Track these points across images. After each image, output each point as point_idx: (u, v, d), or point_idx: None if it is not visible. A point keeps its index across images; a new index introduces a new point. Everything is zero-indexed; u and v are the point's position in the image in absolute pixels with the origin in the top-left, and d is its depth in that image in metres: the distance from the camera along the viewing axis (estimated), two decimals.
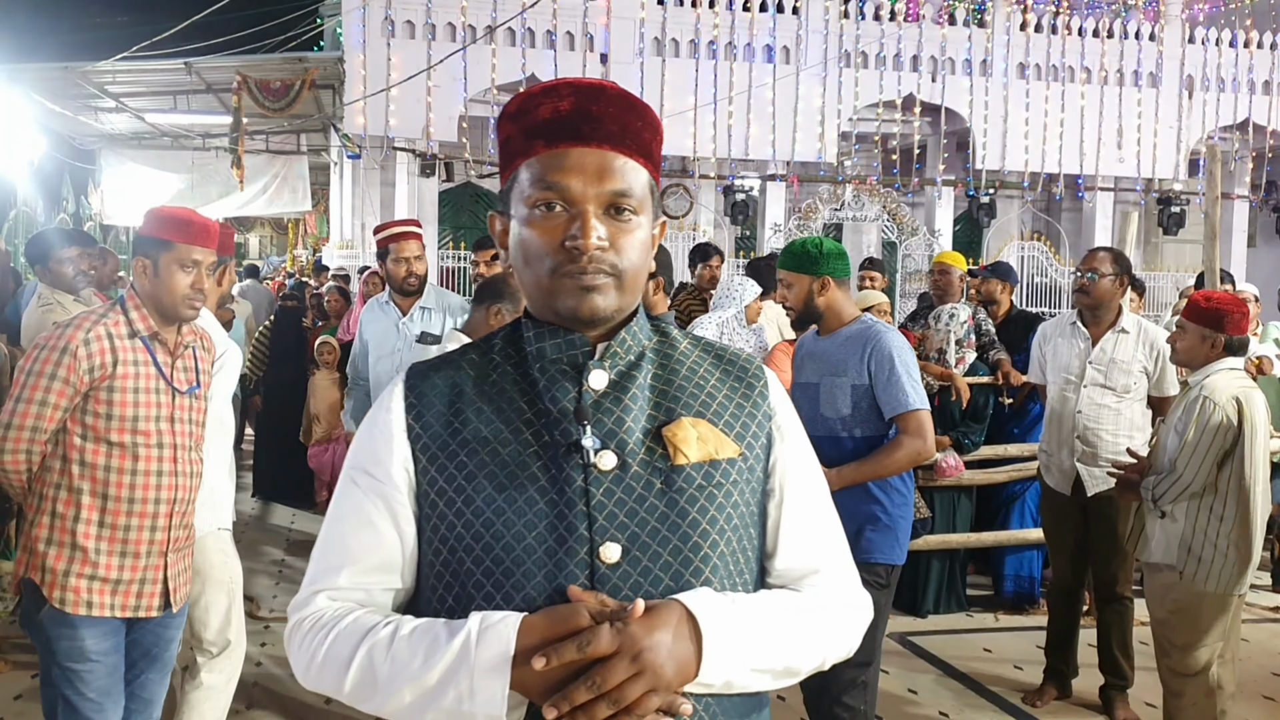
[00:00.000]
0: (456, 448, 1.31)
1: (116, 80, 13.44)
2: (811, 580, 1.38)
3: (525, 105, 1.33)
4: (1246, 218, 18.03)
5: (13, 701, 4.52)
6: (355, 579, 1.32)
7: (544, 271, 1.29)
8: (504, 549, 1.26)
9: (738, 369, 1.42)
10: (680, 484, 1.30)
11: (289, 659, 1.33)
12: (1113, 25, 16.66)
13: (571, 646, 1.14)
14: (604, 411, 1.31)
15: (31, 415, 2.81)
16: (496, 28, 14.21)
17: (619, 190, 1.29)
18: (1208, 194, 5.20)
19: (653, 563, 1.26)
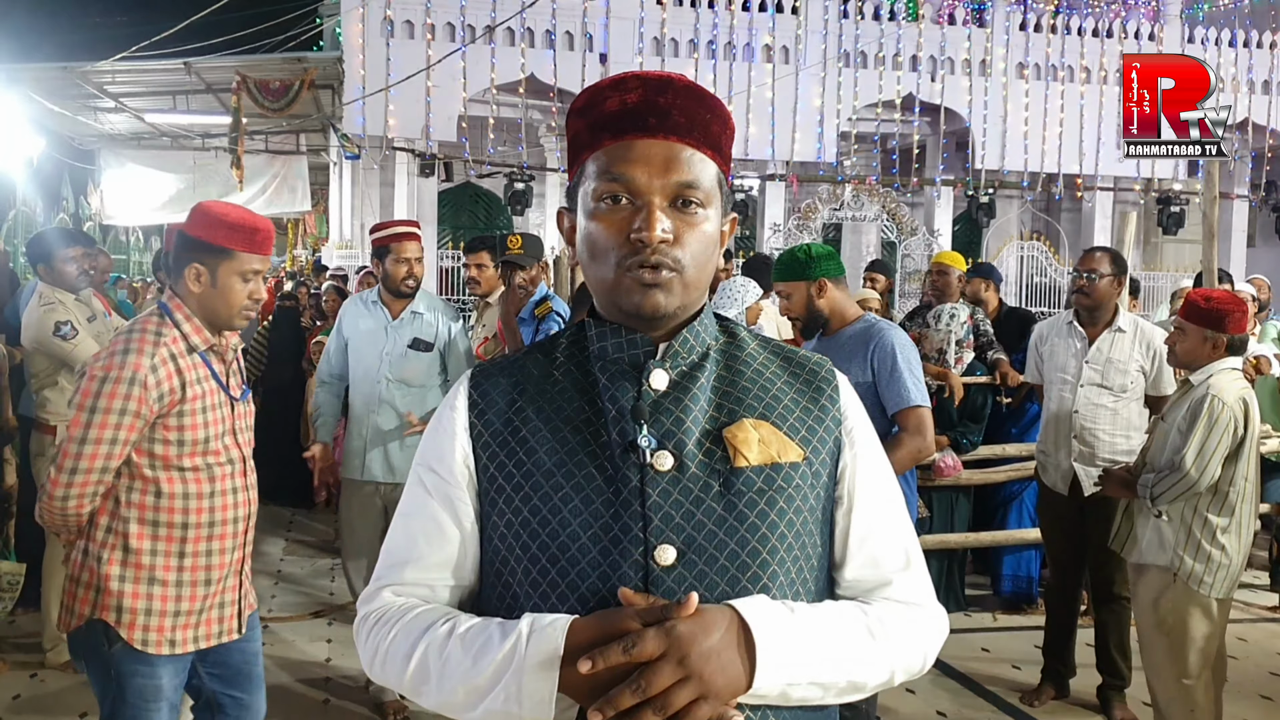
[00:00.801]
0: (515, 445, 1.31)
1: (116, 80, 13.44)
2: (883, 593, 1.34)
3: (593, 99, 1.32)
4: (1246, 217, 18.06)
5: (11, 701, 4.53)
6: (419, 575, 1.34)
7: (609, 265, 1.27)
8: (559, 548, 1.25)
9: (807, 371, 1.39)
10: (739, 487, 1.26)
11: (357, 651, 1.35)
12: (1112, 25, 16.66)
13: (617, 649, 1.12)
14: (663, 411, 1.29)
15: (101, 456, 2.57)
16: (496, 27, 14.22)
17: (685, 181, 1.27)
18: (1206, 194, 5.20)
19: (709, 567, 1.23)
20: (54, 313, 4.77)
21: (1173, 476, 3.73)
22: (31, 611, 5.20)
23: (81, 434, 2.55)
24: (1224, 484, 3.73)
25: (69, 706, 4.47)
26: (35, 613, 5.07)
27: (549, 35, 14.78)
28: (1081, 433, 4.59)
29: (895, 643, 1.28)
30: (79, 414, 2.55)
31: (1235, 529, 3.73)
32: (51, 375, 4.84)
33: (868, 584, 1.34)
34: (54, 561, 4.84)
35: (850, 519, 1.35)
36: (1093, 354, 4.61)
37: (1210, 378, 3.78)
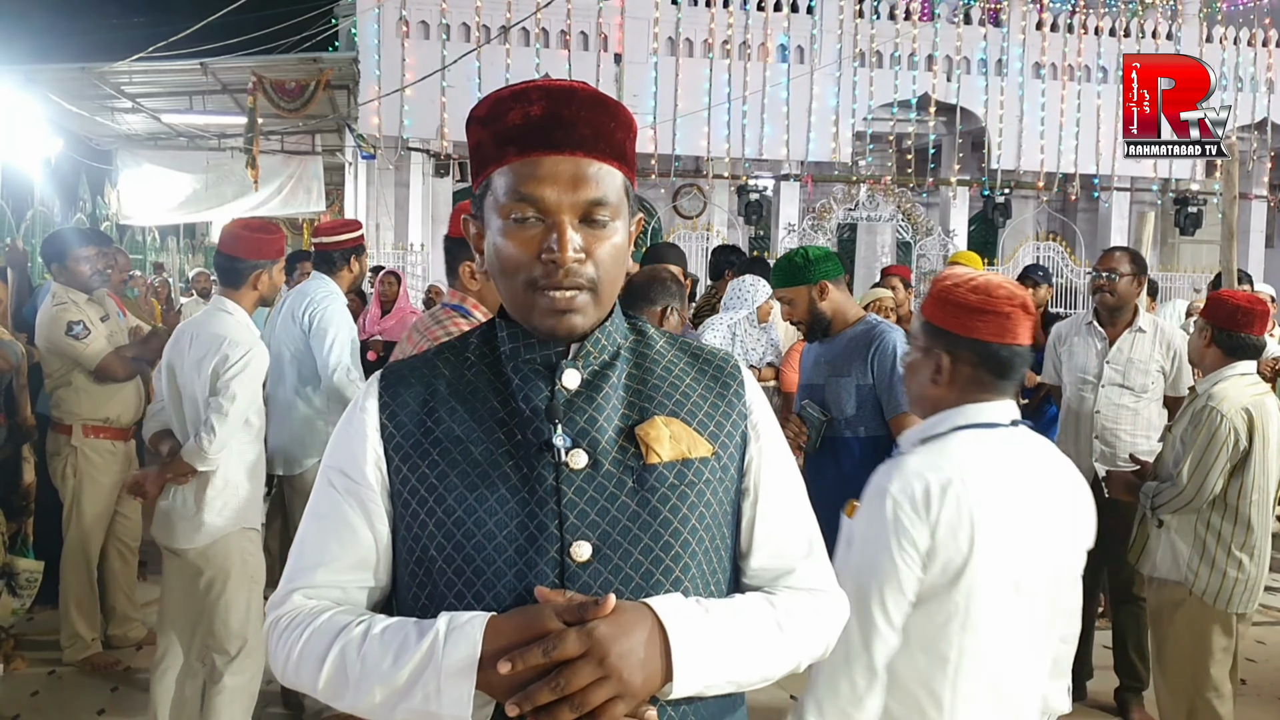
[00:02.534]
0: (429, 446, 1.31)
1: (133, 81, 13.50)
2: (786, 580, 1.37)
3: (495, 110, 1.30)
4: (1265, 218, 17.94)
5: (30, 698, 4.55)
6: (331, 577, 1.33)
7: (519, 285, 1.28)
8: (475, 547, 1.26)
9: (714, 367, 1.41)
10: (652, 483, 1.29)
11: (269, 656, 1.34)
12: (1129, 25, 16.58)
13: (537, 651, 1.13)
14: (576, 410, 1.30)
15: None
16: (510, 28, 14.24)
17: (594, 199, 1.27)
18: (1225, 194, 5.17)
19: (624, 561, 1.26)
20: (66, 312, 4.78)
21: (1171, 490, 3.63)
22: (50, 609, 5.22)
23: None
24: (1232, 496, 3.58)
25: (86, 704, 4.49)
26: (53, 610, 5.09)
27: (563, 35, 14.79)
28: (1103, 433, 4.56)
29: (802, 632, 1.32)
30: None
31: (1251, 541, 3.59)
32: (65, 375, 4.86)
33: (772, 572, 1.38)
34: (72, 560, 4.86)
35: (756, 510, 1.38)
36: (1113, 354, 4.58)
37: (1215, 385, 3.64)
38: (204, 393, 3.57)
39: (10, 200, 11.47)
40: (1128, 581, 4.59)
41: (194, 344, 3.61)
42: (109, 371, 4.83)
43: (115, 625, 5.12)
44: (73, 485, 4.85)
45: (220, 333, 3.58)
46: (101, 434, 4.91)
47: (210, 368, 3.54)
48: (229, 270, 3.70)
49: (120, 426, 4.99)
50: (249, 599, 3.68)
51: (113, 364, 4.83)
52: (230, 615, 3.62)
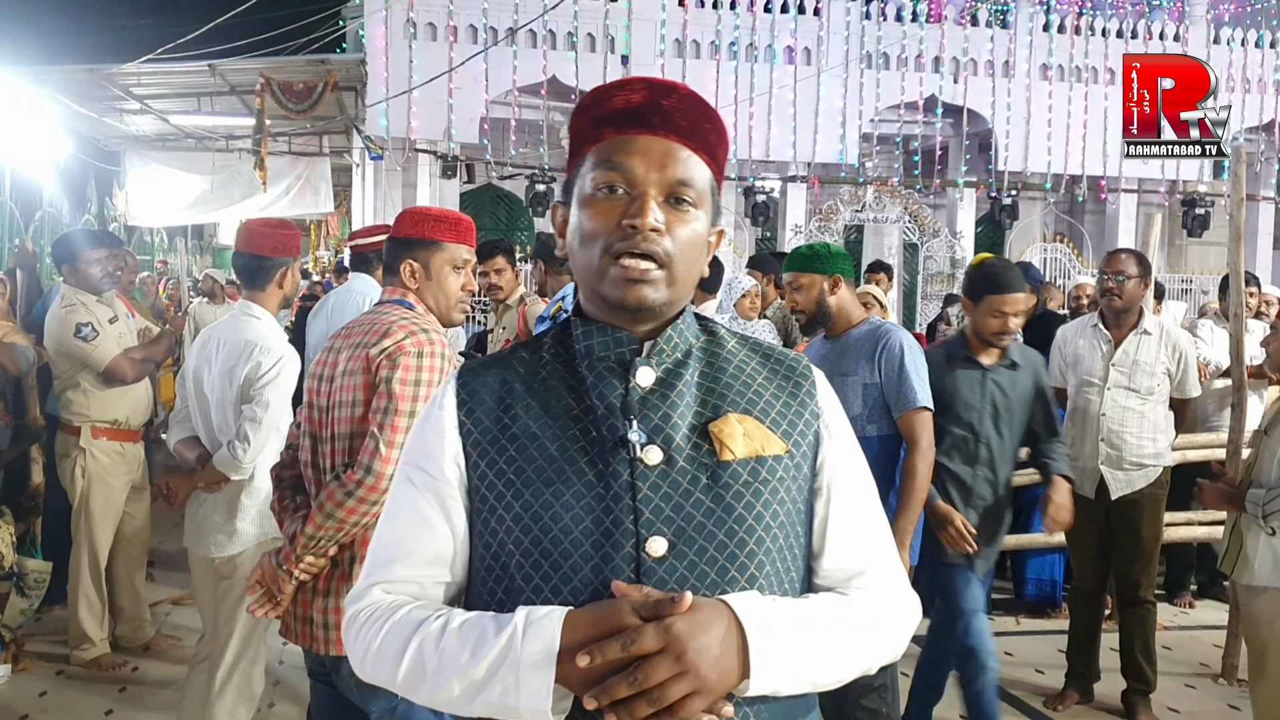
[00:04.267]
0: (505, 442, 1.33)
1: (141, 82, 13.54)
2: (858, 582, 1.37)
3: (598, 97, 1.36)
4: (1272, 219, 17.89)
5: (38, 698, 4.56)
6: (408, 572, 1.35)
7: (596, 251, 1.30)
8: (551, 542, 1.27)
9: (785, 368, 1.42)
10: (726, 479, 1.30)
11: (346, 650, 1.36)
12: (1136, 26, 16.55)
13: (615, 645, 1.14)
14: (650, 407, 1.32)
15: None
16: (518, 30, 14.26)
17: (681, 179, 1.31)
18: (1232, 195, 5.15)
19: (698, 557, 1.27)
20: (75, 314, 4.80)
21: None
22: (58, 609, 5.24)
23: (410, 407, 2.48)
24: None
25: (94, 704, 4.51)
26: (61, 611, 5.11)
27: (570, 37, 14.80)
28: (1109, 435, 4.56)
29: (874, 633, 1.32)
30: (404, 388, 2.49)
31: None
32: (74, 376, 4.87)
33: (844, 573, 1.37)
34: (80, 560, 4.88)
35: (829, 509, 1.38)
36: (1119, 357, 4.58)
37: None
38: (235, 400, 3.55)
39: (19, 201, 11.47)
40: (1135, 584, 4.59)
41: (222, 350, 3.58)
42: (117, 373, 4.84)
43: (123, 626, 5.13)
44: (82, 487, 4.86)
45: (251, 339, 3.55)
46: (110, 435, 4.92)
47: (243, 375, 3.52)
48: (256, 270, 3.64)
49: (129, 428, 5.01)
50: None
51: (121, 366, 4.84)
52: (240, 621, 3.63)
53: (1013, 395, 3.91)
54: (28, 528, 5.67)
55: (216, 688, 3.63)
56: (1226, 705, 4.82)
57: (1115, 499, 4.56)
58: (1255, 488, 3.66)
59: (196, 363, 3.65)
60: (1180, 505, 5.29)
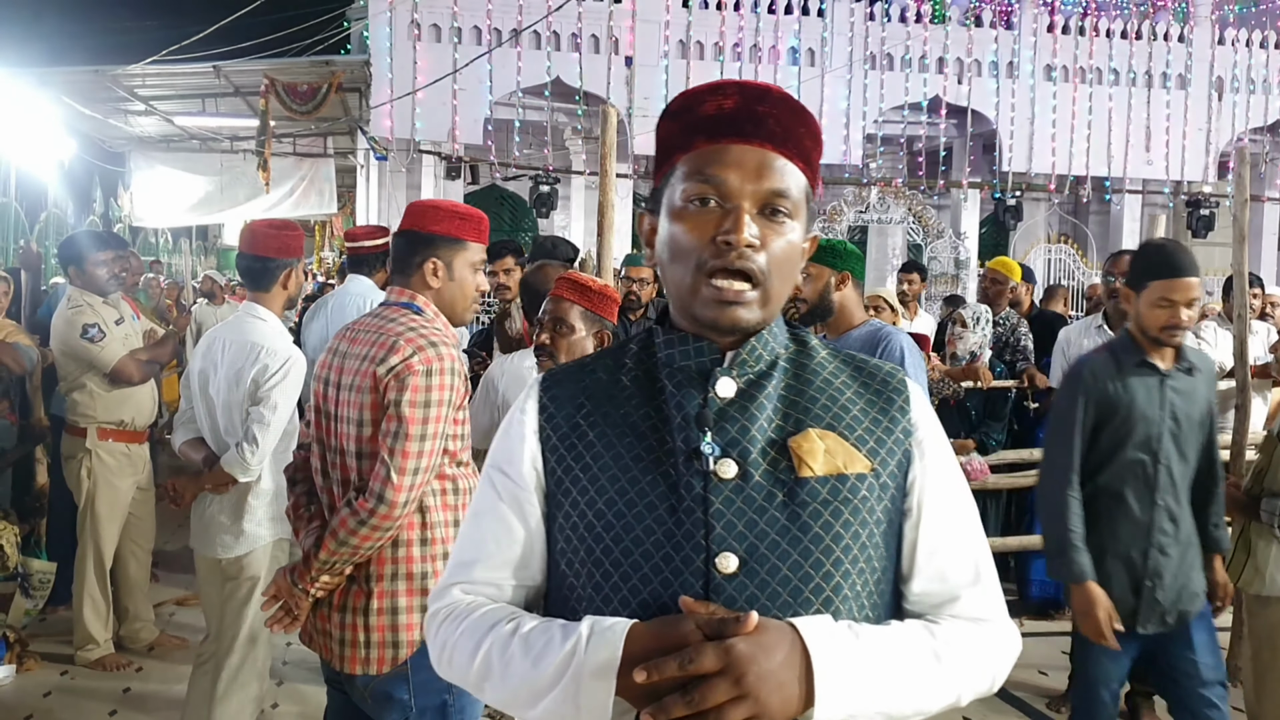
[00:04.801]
0: (582, 449, 1.32)
1: (146, 83, 13.57)
2: (951, 609, 1.31)
3: (688, 103, 1.32)
4: (1277, 221, 17.85)
5: (42, 698, 4.57)
6: (487, 574, 1.36)
7: (689, 268, 1.27)
8: (622, 552, 1.26)
9: (878, 381, 1.36)
10: (804, 497, 1.25)
11: (427, 645, 1.38)
12: (1141, 26, 16.53)
13: (673, 663, 1.11)
14: (728, 419, 1.28)
15: (436, 452, 2.46)
16: (522, 31, 14.26)
17: (777, 189, 1.26)
18: (1236, 196, 5.14)
19: (771, 576, 1.22)
20: (82, 315, 4.81)
21: None
22: (63, 610, 5.25)
23: (421, 430, 2.41)
24: None
25: (98, 704, 4.52)
26: (66, 611, 5.12)
27: (574, 39, 14.81)
28: None
29: (962, 665, 1.26)
30: (413, 411, 2.40)
31: None
32: (79, 378, 4.88)
33: (935, 599, 1.32)
34: (85, 561, 4.89)
35: (919, 532, 1.32)
36: None
37: None
38: (242, 402, 3.55)
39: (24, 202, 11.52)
40: None
41: (228, 352, 3.58)
42: (123, 374, 4.85)
43: (128, 626, 5.15)
44: (88, 488, 4.87)
45: (257, 341, 3.56)
46: (116, 437, 4.93)
47: (250, 377, 3.52)
48: (261, 271, 3.63)
49: (135, 429, 5.02)
50: None
51: (127, 367, 4.85)
52: (246, 621, 3.64)
53: (1193, 408, 3.29)
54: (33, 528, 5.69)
55: (221, 688, 3.64)
56: (1230, 707, 4.81)
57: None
58: (1269, 496, 3.56)
59: (202, 365, 3.65)
60: None
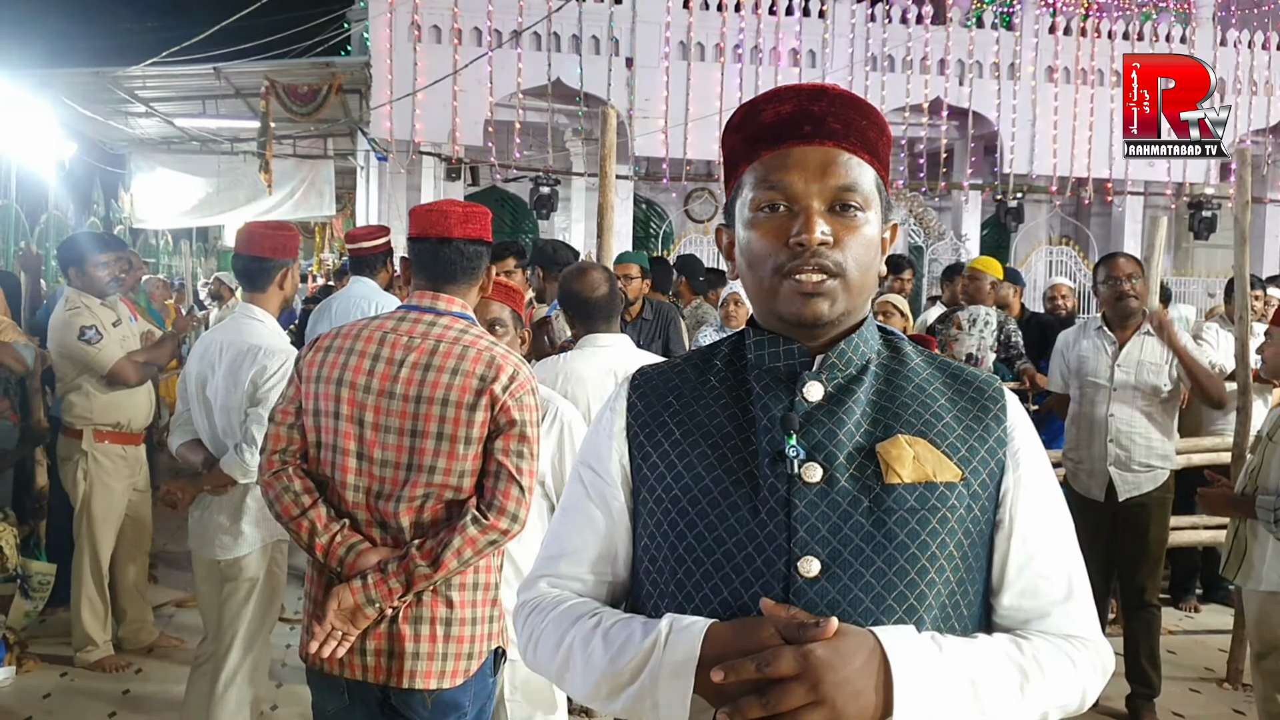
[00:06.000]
0: (668, 447, 1.33)
1: (146, 85, 13.55)
2: (1041, 625, 1.29)
3: (748, 114, 1.33)
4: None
5: (42, 700, 4.56)
6: (573, 569, 1.38)
7: (766, 272, 1.28)
8: (705, 551, 1.26)
9: (973, 389, 1.34)
10: (890, 504, 1.23)
11: (515, 636, 1.42)
12: (1143, 28, 16.51)
13: (750, 664, 1.11)
14: (815, 423, 1.27)
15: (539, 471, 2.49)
16: (522, 32, 14.26)
17: (843, 185, 1.27)
18: (1238, 198, 5.14)
19: (853, 582, 1.21)
20: (79, 317, 4.80)
21: None
22: (62, 611, 5.24)
23: (538, 449, 2.43)
24: None
25: (98, 706, 4.51)
26: (66, 612, 5.11)
27: (575, 40, 14.80)
28: (1117, 436, 4.55)
29: (1050, 682, 1.24)
30: (533, 430, 2.40)
31: None
32: (76, 379, 4.88)
33: (1025, 613, 1.30)
34: (81, 563, 4.88)
35: (1010, 544, 1.30)
36: (1124, 357, 4.58)
37: None
38: (241, 404, 3.55)
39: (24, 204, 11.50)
40: (1140, 588, 4.58)
41: (226, 354, 3.58)
42: (120, 376, 4.84)
43: (126, 628, 5.14)
44: (83, 490, 4.86)
45: (255, 343, 3.56)
46: (112, 439, 4.93)
47: (248, 378, 3.53)
48: (257, 272, 3.64)
49: (131, 431, 5.01)
50: (266, 609, 3.70)
51: (124, 369, 4.84)
52: (244, 623, 3.64)
53: None
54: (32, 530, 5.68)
55: (220, 690, 3.63)
56: (1231, 710, 4.81)
57: (1122, 501, 4.55)
58: (1263, 494, 3.64)
59: (200, 367, 3.65)
60: (1186, 509, 5.28)
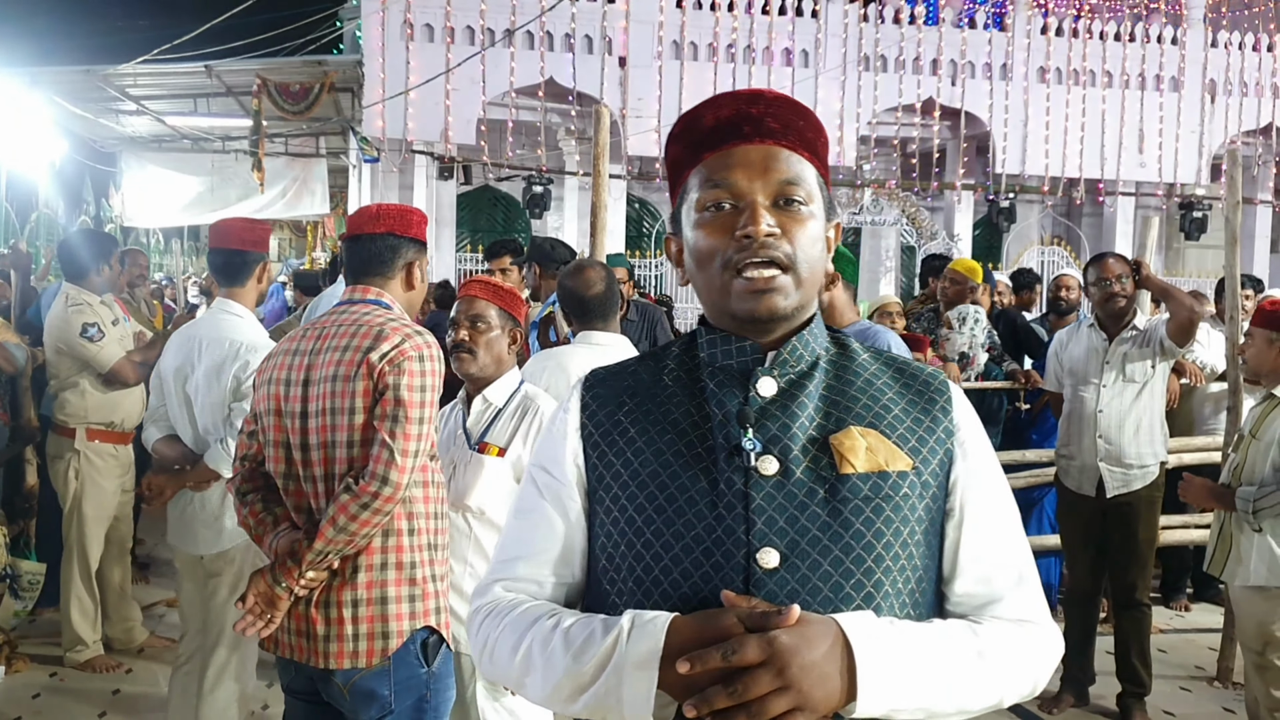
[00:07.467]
0: (624, 446, 1.33)
1: (137, 83, 13.51)
2: (993, 610, 1.32)
3: (689, 123, 1.36)
4: (1269, 223, 17.90)
5: (31, 700, 4.55)
6: (529, 571, 1.38)
7: (716, 269, 1.29)
8: (663, 547, 1.27)
9: (920, 382, 1.37)
10: (845, 494, 1.26)
11: (469, 642, 1.38)
12: (1134, 29, 16.56)
13: (716, 654, 1.12)
14: (769, 417, 1.29)
15: (429, 436, 2.48)
16: (515, 31, 14.25)
17: (787, 179, 1.29)
18: (1228, 199, 5.15)
19: (812, 571, 1.23)
20: (82, 314, 4.80)
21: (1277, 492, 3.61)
22: (52, 611, 5.22)
23: (419, 414, 2.43)
24: None
25: (87, 706, 4.50)
26: (55, 612, 5.10)
27: (568, 39, 14.80)
28: (1106, 431, 4.57)
29: (1005, 665, 1.26)
30: (412, 395, 2.42)
31: None
32: (73, 377, 4.86)
33: (978, 600, 1.33)
34: (71, 563, 4.86)
35: (961, 532, 1.33)
36: (1114, 355, 4.60)
37: None
38: (224, 400, 3.55)
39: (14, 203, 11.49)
40: (1130, 587, 4.59)
41: (207, 350, 3.58)
42: (120, 375, 4.84)
43: (116, 628, 5.12)
44: (75, 489, 4.85)
45: (236, 338, 3.57)
46: (104, 438, 4.92)
47: (230, 374, 3.53)
48: (239, 265, 3.64)
49: (123, 430, 5.00)
50: None
51: (124, 368, 4.84)
52: (229, 618, 3.62)
53: None
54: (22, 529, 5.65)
55: (207, 687, 3.62)
56: (1221, 708, 4.82)
57: (1111, 499, 4.56)
58: (1245, 487, 3.71)
59: (178, 362, 3.63)
60: (1176, 508, 5.30)
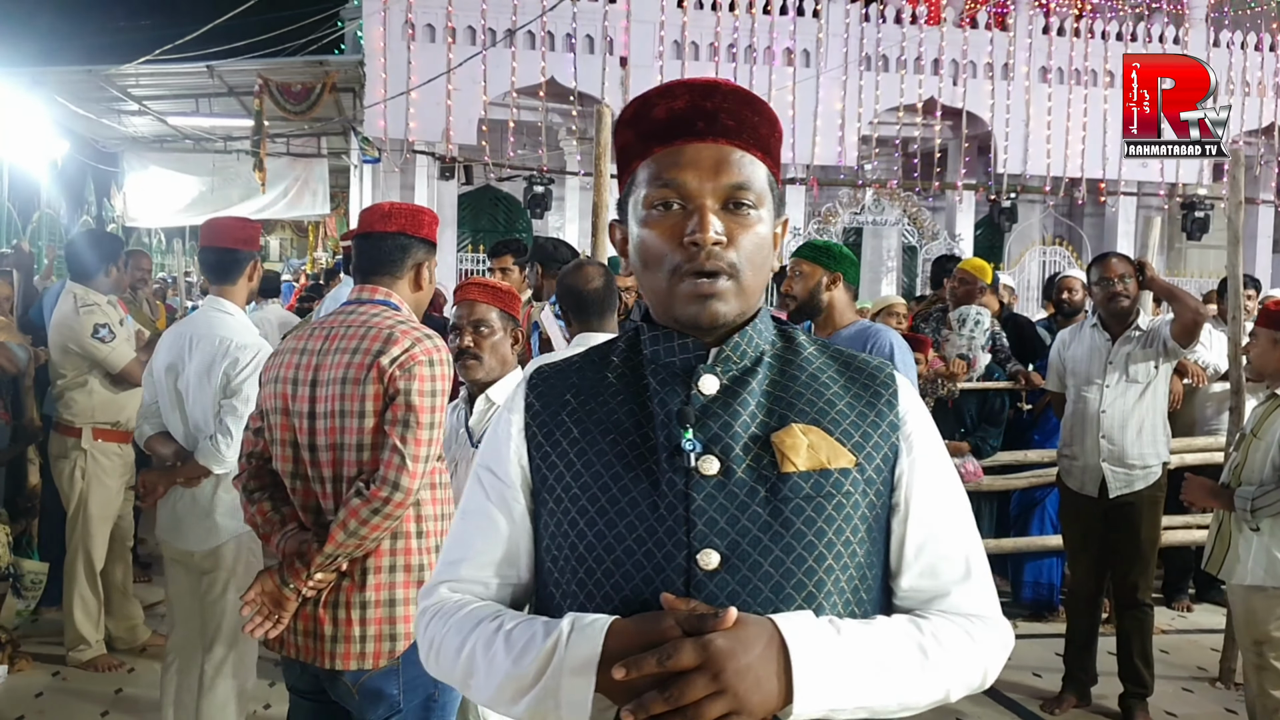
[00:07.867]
0: (566, 446, 1.32)
1: (139, 83, 13.53)
2: (941, 604, 1.31)
3: (640, 109, 1.33)
4: (1272, 223, 17.88)
5: (34, 699, 4.55)
6: (474, 572, 1.37)
7: (663, 273, 1.28)
8: (605, 548, 1.26)
9: (865, 376, 1.35)
10: (786, 493, 1.24)
11: (417, 643, 1.39)
12: (1136, 29, 16.55)
13: (652, 659, 1.12)
14: (711, 416, 1.28)
15: (439, 441, 2.49)
16: (516, 31, 14.25)
17: (736, 183, 1.27)
18: (1230, 199, 5.15)
19: (753, 573, 1.22)
20: (93, 314, 4.81)
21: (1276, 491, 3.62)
22: (54, 610, 5.23)
23: (430, 418, 2.44)
24: None
25: (90, 705, 4.50)
26: (58, 612, 5.10)
27: (569, 39, 14.79)
28: (1109, 431, 4.57)
29: (951, 659, 1.25)
30: (423, 400, 2.42)
31: None
32: (80, 376, 4.87)
33: (925, 594, 1.32)
34: (75, 562, 4.87)
35: (906, 527, 1.32)
36: (1117, 355, 4.60)
37: None
38: (215, 397, 3.56)
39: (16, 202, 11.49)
40: (1133, 587, 4.59)
41: (198, 348, 3.60)
42: (130, 376, 4.85)
43: (119, 627, 5.12)
44: (81, 488, 4.85)
45: (226, 335, 3.58)
46: (108, 437, 4.93)
47: (221, 371, 3.54)
48: (231, 264, 3.66)
49: (128, 429, 5.01)
50: None
51: (134, 368, 4.85)
52: (226, 616, 3.63)
53: None
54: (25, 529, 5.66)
55: (206, 683, 3.63)
56: (1224, 709, 4.82)
57: (1114, 499, 4.56)
58: (1244, 486, 3.72)
59: (170, 359, 3.65)
60: (1178, 509, 5.29)
